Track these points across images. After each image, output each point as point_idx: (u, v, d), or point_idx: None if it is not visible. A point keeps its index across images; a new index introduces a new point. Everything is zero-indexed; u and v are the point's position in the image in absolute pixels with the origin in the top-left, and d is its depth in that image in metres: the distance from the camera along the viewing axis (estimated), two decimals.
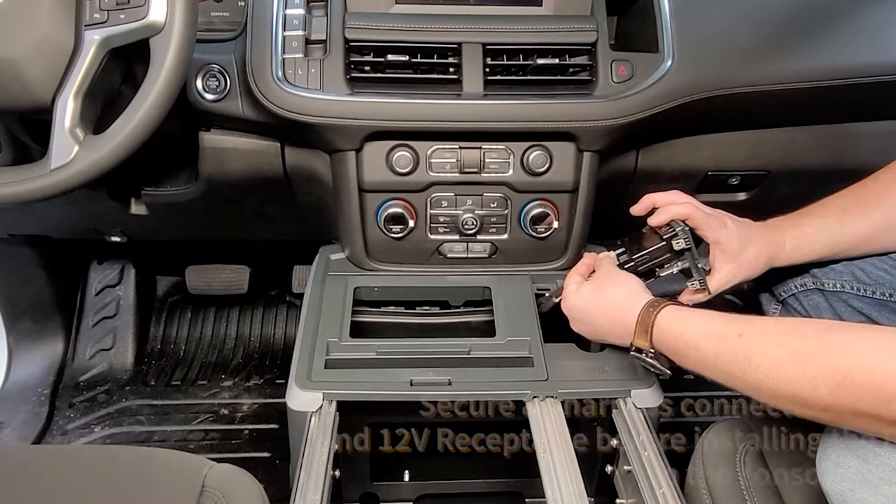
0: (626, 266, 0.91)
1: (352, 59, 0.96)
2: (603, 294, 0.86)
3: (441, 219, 1.03)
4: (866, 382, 0.56)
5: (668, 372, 0.81)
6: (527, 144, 0.99)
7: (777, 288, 0.93)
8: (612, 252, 0.94)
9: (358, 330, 0.98)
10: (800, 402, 0.61)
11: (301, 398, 0.85)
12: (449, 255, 1.07)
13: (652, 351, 0.78)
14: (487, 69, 0.97)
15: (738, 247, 0.85)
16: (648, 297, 0.81)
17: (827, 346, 0.60)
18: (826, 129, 1.11)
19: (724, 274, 0.87)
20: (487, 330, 0.99)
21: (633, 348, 0.81)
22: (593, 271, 0.93)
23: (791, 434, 0.79)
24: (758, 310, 0.98)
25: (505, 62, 0.98)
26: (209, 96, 0.96)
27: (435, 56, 0.96)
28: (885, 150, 0.89)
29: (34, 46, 0.73)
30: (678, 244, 0.86)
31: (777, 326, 0.67)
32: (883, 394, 0.55)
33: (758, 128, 1.10)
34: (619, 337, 0.84)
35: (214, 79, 0.96)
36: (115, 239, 1.31)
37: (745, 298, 1.68)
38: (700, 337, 0.72)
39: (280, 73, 0.93)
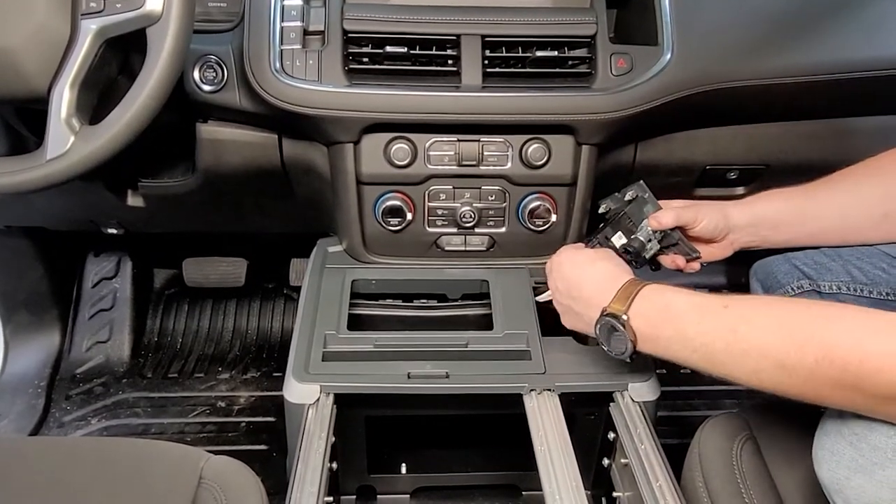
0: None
1: (350, 50, 0.96)
2: (594, 263, 0.83)
3: (439, 212, 1.03)
4: (850, 356, 0.56)
5: (631, 348, 0.73)
6: (525, 137, 0.99)
7: (774, 291, 0.92)
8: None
9: (355, 323, 0.97)
10: (786, 370, 0.61)
11: (298, 391, 0.85)
12: (447, 248, 1.07)
13: (625, 317, 0.73)
14: (486, 61, 0.96)
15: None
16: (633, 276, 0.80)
17: (816, 313, 0.61)
18: (825, 124, 1.11)
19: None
20: (485, 323, 0.99)
21: (605, 313, 0.74)
22: None
23: (787, 427, 0.80)
24: None
25: (504, 54, 0.98)
26: (206, 87, 0.95)
27: (433, 48, 0.96)
28: (882, 145, 0.89)
29: (30, 35, 0.73)
30: (630, 195, 0.91)
31: (765, 298, 0.68)
32: (865, 367, 0.55)
33: (757, 122, 1.10)
34: (591, 305, 0.78)
35: (212, 70, 0.95)
36: (112, 231, 1.30)
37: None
38: (683, 307, 0.70)
39: (278, 65, 0.93)
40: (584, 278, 0.82)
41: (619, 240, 0.93)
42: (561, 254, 0.89)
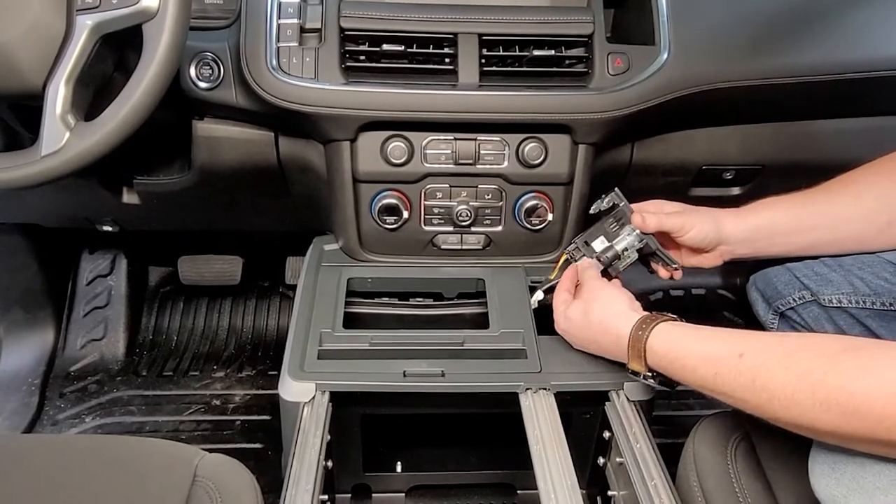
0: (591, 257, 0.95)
1: (347, 48, 0.95)
2: (590, 316, 0.84)
3: (435, 210, 1.03)
4: (886, 409, 0.53)
5: (668, 389, 0.79)
6: (522, 136, 0.99)
7: (775, 301, 0.91)
8: (590, 259, 0.95)
9: (351, 321, 0.97)
10: (806, 427, 0.59)
11: (294, 389, 0.85)
12: (443, 247, 1.06)
13: (649, 374, 0.77)
14: (483, 60, 0.96)
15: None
16: (637, 315, 0.79)
17: (842, 367, 0.57)
18: (821, 125, 1.12)
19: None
20: (481, 322, 0.99)
21: (630, 371, 0.79)
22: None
23: (782, 428, 0.80)
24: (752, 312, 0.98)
25: (501, 53, 0.98)
26: (203, 84, 0.95)
27: (430, 46, 0.96)
28: (878, 146, 0.89)
29: (25, 31, 0.72)
30: (607, 203, 0.92)
31: (783, 344, 0.63)
32: None
33: (753, 122, 1.10)
34: (618, 356, 0.82)
35: (208, 67, 0.95)
36: (107, 228, 1.30)
37: (739, 294, 1.69)
38: (697, 360, 0.70)
39: (274, 62, 0.93)
40: (594, 337, 0.85)
41: (600, 244, 0.93)
42: (559, 324, 0.89)
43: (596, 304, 0.84)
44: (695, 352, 0.70)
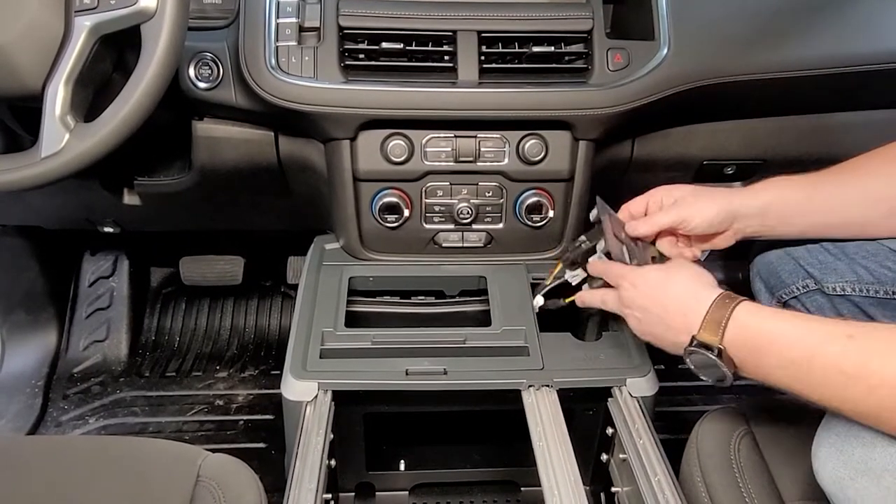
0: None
1: (346, 46, 0.95)
2: (671, 281, 0.76)
3: (436, 208, 1.03)
4: None
5: (731, 377, 0.69)
6: (522, 133, 0.99)
7: (778, 290, 0.91)
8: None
9: (353, 320, 0.97)
10: None
11: (296, 388, 0.85)
12: (444, 245, 1.06)
13: (720, 347, 0.68)
14: (483, 57, 0.96)
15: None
16: (722, 290, 0.73)
17: None
18: (821, 119, 1.11)
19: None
20: (483, 319, 0.99)
21: (695, 343, 0.69)
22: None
23: (785, 422, 0.80)
24: None
25: (500, 50, 0.98)
26: (202, 84, 0.95)
27: (430, 44, 0.96)
28: (878, 139, 0.88)
29: (24, 32, 0.72)
30: (593, 218, 0.89)
31: (891, 328, 0.59)
32: None
33: (753, 117, 1.10)
34: (677, 331, 0.73)
35: (207, 67, 0.95)
36: (108, 230, 1.30)
37: (740, 290, 1.68)
38: (793, 336, 0.63)
39: (273, 61, 0.92)
40: (665, 301, 0.75)
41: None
42: (626, 276, 0.80)
43: (681, 271, 0.77)
44: (791, 327, 0.64)
